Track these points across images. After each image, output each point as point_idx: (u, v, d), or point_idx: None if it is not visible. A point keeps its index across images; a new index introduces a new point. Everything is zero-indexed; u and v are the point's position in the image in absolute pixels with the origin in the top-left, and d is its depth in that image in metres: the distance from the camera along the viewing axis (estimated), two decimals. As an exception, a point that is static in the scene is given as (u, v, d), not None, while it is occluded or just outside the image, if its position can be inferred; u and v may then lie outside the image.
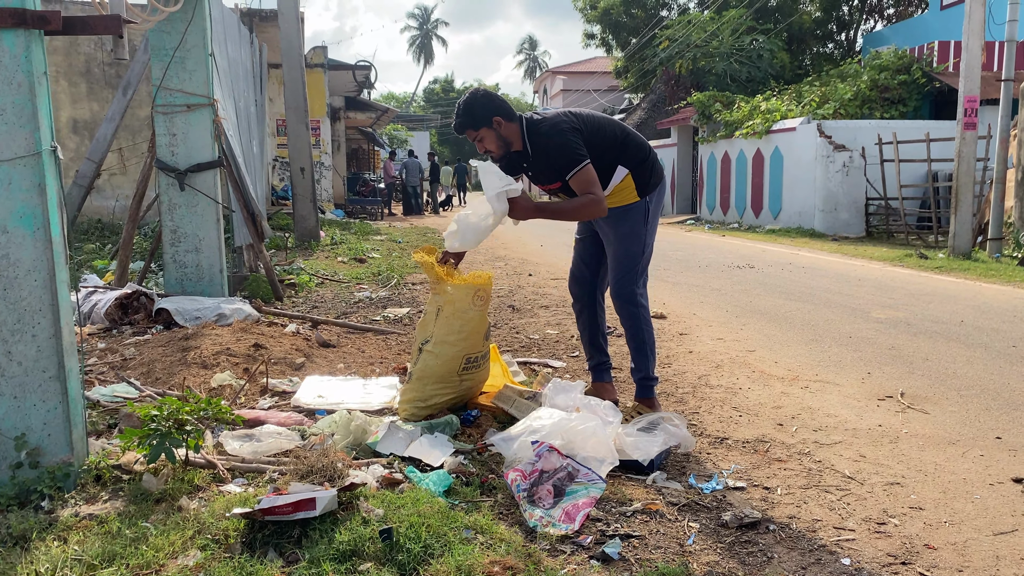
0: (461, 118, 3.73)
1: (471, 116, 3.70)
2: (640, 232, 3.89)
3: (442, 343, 3.68)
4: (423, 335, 3.77)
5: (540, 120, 3.75)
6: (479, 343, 3.77)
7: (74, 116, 13.55)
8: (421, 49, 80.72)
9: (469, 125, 3.72)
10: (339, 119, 24.50)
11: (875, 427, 3.90)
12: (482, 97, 3.73)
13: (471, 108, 3.69)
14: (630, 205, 3.87)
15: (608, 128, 3.85)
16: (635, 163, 3.85)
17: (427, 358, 3.70)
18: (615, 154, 3.81)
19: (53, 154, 2.83)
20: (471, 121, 3.71)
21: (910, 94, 18.26)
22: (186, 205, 6.29)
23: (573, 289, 4.23)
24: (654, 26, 28.53)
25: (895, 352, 5.46)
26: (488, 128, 3.70)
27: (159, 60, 6.16)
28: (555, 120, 3.73)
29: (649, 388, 4.00)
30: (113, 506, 2.78)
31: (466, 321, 3.69)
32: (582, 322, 4.24)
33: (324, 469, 2.90)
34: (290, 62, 12.81)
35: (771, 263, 11.02)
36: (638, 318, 3.91)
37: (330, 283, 8.84)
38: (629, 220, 3.87)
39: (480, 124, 3.70)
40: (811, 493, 3.12)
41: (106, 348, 5.10)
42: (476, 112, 3.69)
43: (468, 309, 3.69)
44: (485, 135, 3.72)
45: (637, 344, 3.95)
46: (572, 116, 3.78)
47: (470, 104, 3.70)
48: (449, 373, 3.70)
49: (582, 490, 2.94)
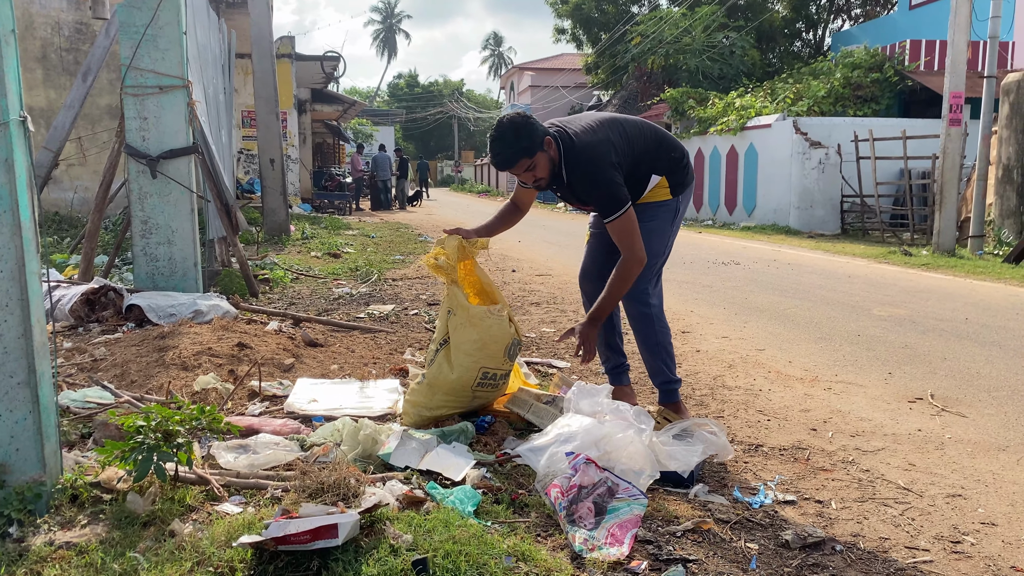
0: (513, 147, 3.26)
1: (527, 140, 3.26)
2: (666, 231, 3.62)
3: (456, 350, 3.35)
4: (439, 335, 3.44)
5: (577, 145, 3.34)
6: (499, 358, 3.40)
7: (30, 103, 12.87)
8: (385, 43, 79.95)
9: (525, 154, 3.28)
10: (305, 112, 23.91)
11: (915, 432, 3.66)
12: (526, 120, 3.30)
13: (524, 134, 3.25)
14: (661, 202, 3.58)
15: (644, 136, 3.52)
16: (669, 168, 3.57)
17: (441, 364, 3.36)
18: (650, 165, 3.52)
19: (23, 125, 2.45)
20: (528, 148, 3.27)
21: (883, 92, 18.31)
22: (158, 194, 5.86)
23: (585, 286, 3.88)
24: (626, 22, 28.36)
25: (910, 351, 5.25)
26: (542, 151, 3.30)
27: (129, 38, 5.72)
28: (594, 151, 3.32)
29: (673, 392, 3.72)
30: (94, 532, 2.40)
31: (483, 330, 3.34)
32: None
33: (336, 486, 2.56)
34: (260, 50, 12.33)
35: (755, 259, 10.84)
36: (650, 319, 3.61)
37: (306, 279, 8.44)
38: (658, 217, 3.58)
39: (535, 149, 3.28)
40: (869, 507, 2.86)
41: (73, 347, 4.68)
42: (528, 135, 3.26)
43: (485, 317, 3.36)
44: (539, 161, 3.31)
45: (650, 347, 3.65)
46: (610, 136, 3.39)
47: (521, 130, 3.26)
48: (463, 386, 3.37)
49: (624, 507, 2.64)
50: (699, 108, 20.12)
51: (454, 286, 3.40)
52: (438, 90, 72.62)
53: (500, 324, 3.39)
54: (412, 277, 8.81)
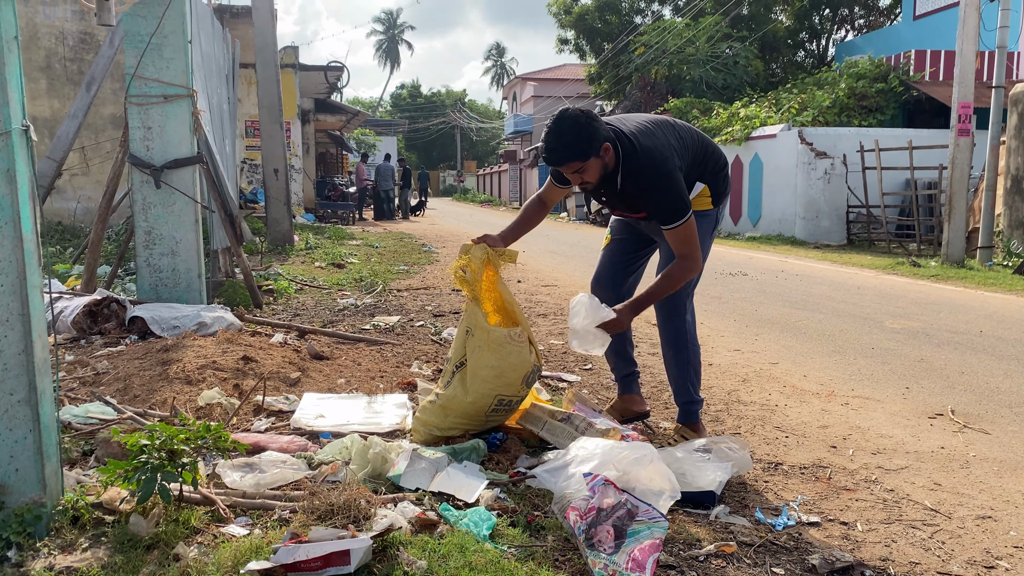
0: (569, 147, 3.06)
1: (585, 144, 3.05)
2: (706, 243, 3.48)
3: (473, 376, 3.23)
4: (456, 356, 3.33)
5: (637, 148, 3.15)
6: (516, 385, 3.28)
7: (33, 113, 12.86)
8: (387, 53, 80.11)
9: (578, 156, 3.08)
10: (309, 122, 23.90)
11: (938, 449, 3.57)
12: (589, 119, 3.07)
13: (584, 136, 3.04)
14: (703, 212, 3.45)
15: (694, 141, 3.40)
16: (713, 175, 3.45)
17: (457, 388, 3.25)
18: (698, 172, 3.40)
19: (25, 134, 2.37)
20: (582, 150, 3.06)
21: (887, 102, 18.25)
22: (162, 204, 5.78)
23: (597, 292, 3.76)
24: (629, 32, 28.36)
25: (926, 365, 5.16)
26: (596, 157, 3.10)
27: (133, 47, 5.66)
28: (657, 154, 3.14)
29: (694, 413, 3.61)
30: (95, 556, 2.31)
31: (502, 356, 3.21)
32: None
33: (346, 507, 2.47)
34: (264, 59, 12.29)
35: (762, 270, 10.75)
36: (684, 334, 3.49)
37: (310, 289, 8.36)
38: (700, 227, 3.39)
39: (590, 153, 3.08)
40: (897, 529, 2.76)
41: (75, 361, 4.59)
42: (587, 138, 3.05)
43: (505, 343, 3.24)
44: (591, 165, 3.12)
45: (680, 363, 3.52)
46: (669, 140, 3.24)
47: (582, 131, 3.04)
48: (477, 412, 3.26)
49: (644, 530, 2.54)
50: (703, 118, 20.08)
51: (475, 304, 3.29)
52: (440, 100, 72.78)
53: (520, 352, 3.26)
54: (417, 288, 8.73)
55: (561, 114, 3.11)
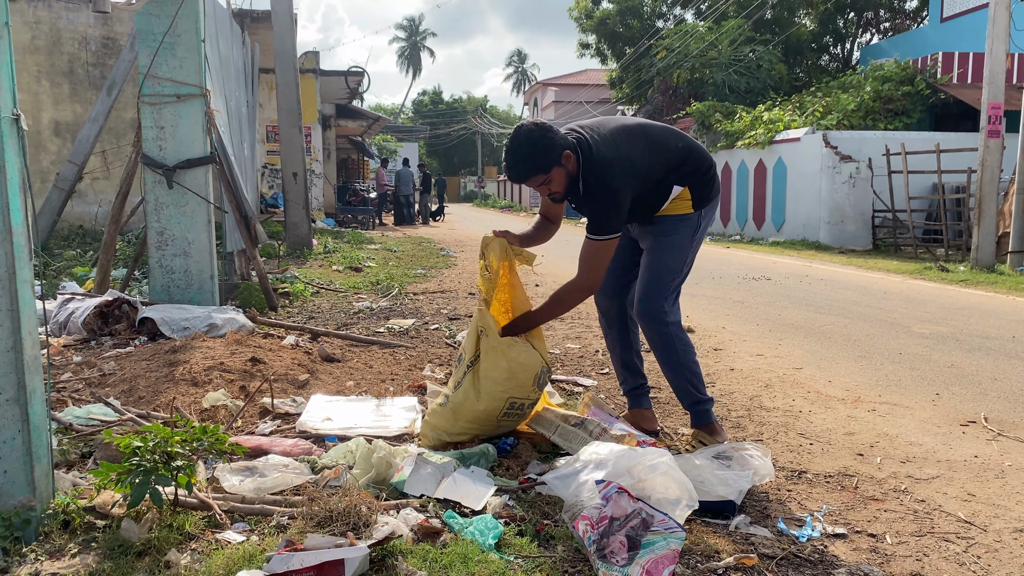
0: (527, 163, 3.07)
1: (543, 157, 3.06)
2: (685, 246, 3.39)
3: (485, 378, 3.13)
4: (468, 354, 3.22)
5: (595, 157, 3.12)
6: (527, 387, 3.18)
7: (56, 118, 12.96)
8: (409, 60, 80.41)
9: (540, 168, 3.08)
10: (330, 127, 23.97)
11: (971, 459, 3.40)
12: (543, 131, 3.07)
13: (540, 149, 3.04)
14: (682, 215, 3.35)
15: (669, 147, 3.29)
16: (693, 178, 3.33)
17: (468, 391, 3.15)
18: (675, 176, 3.30)
19: (15, 124, 2.29)
20: (544, 162, 3.07)
21: (914, 105, 17.95)
22: (174, 205, 5.73)
23: (600, 302, 3.65)
24: (651, 36, 28.19)
25: (957, 371, 4.97)
26: (559, 167, 3.10)
27: (147, 46, 5.62)
28: (609, 168, 3.11)
29: (705, 413, 3.47)
30: (83, 562, 2.22)
31: (512, 359, 3.12)
32: (611, 339, 3.68)
33: (346, 514, 2.36)
34: (283, 63, 12.28)
35: (786, 275, 10.55)
36: (669, 338, 3.35)
37: (326, 292, 8.29)
38: (678, 232, 3.36)
39: (552, 164, 3.08)
40: (929, 543, 2.60)
41: (83, 362, 4.53)
42: (546, 151, 3.05)
43: (512, 345, 3.14)
44: (556, 175, 3.12)
45: (673, 367, 3.39)
46: (631, 154, 3.17)
47: (537, 145, 3.04)
48: (488, 416, 3.16)
49: (660, 541, 2.40)
50: (726, 122, 19.86)
51: (485, 306, 3.19)
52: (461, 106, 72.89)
53: (528, 351, 3.18)
54: (433, 291, 8.63)
55: (516, 131, 3.11)
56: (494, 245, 3.25)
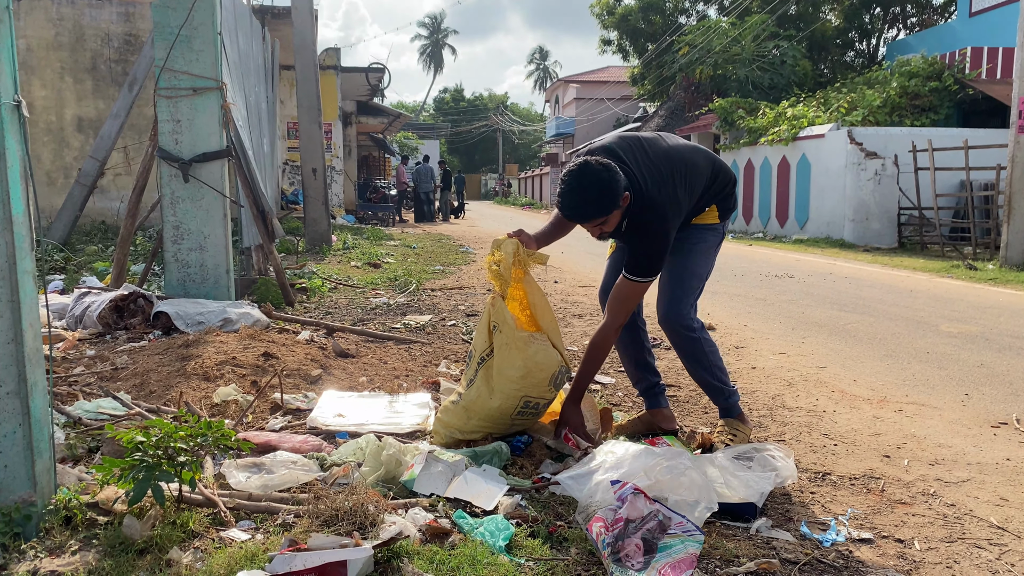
0: (595, 204, 2.91)
1: (610, 201, 2.90)
2: (711, 253, 3.39)
3: (499, 375, 3.04)
4: (480, 349, 3.14)
5: (645, 198, 3.02)
6: (543, 387, 3.10)
7: (79, 114, 13.04)
8: (431, 58, 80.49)
9: (606, 211, 2.93)
10: (350, 124, 23.99)
11: (1003, 461, 3.27)
12: (613, 175, 2.90)
13: (609, 191, 2.89)
14: (710, 225, 3.37)
15: (703, 174, 3.25)
16: (721, 196, 3.35)
17: (480, 388, 3.07)
18: (707, 198, 3.30)
19: (16, 110, 2.24)
20: (610, 205, 2.92)
21: (941, 101, 17.63)
22: (190, 199, 5.70)
23: (605, 301, 3.53)
24: (673, 32, 27.96)
25: (987, 371, 4.82)
26: (618, 209, 2.96)
27: (163, 39, 5.59)
28: (661, 211, 3.03)
29: (735, 405, 3.41)
30: (83, 559, 2.16)
31: (528, 356, 3.03)
32: (622, 341, 3.56)
33: (352, 513, 2.29)
34: (303, 59, 12.26)
35: (810, 273, 10.38)
36: (699, 342, 3.29)
37: (344, 288, 8.25)
38: (706, 240, 3.36)
39: (613, 208, 2.93)
40: (959, 549, 2.49)
41: (95, 355, 4.50)
42: (613, 195, 2.90)
43: (529, 342, 3.05)
44: (613, 217, 2.99)
45: (705, 368, 3.32)
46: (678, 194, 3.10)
47: (603, 186, 2.88)
48: (502, 414, 3.08)
49: (677, 544, 2.31)
50: (749, 118, 19.63)
51: (500, 300, 3.11)
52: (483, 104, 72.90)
53: (546, 350, 3.09)
54: (451, 288, 8.56)
55: (582, 169, 2.93)
56: (507, 247, 3.15)
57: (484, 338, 3.12)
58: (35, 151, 12.65)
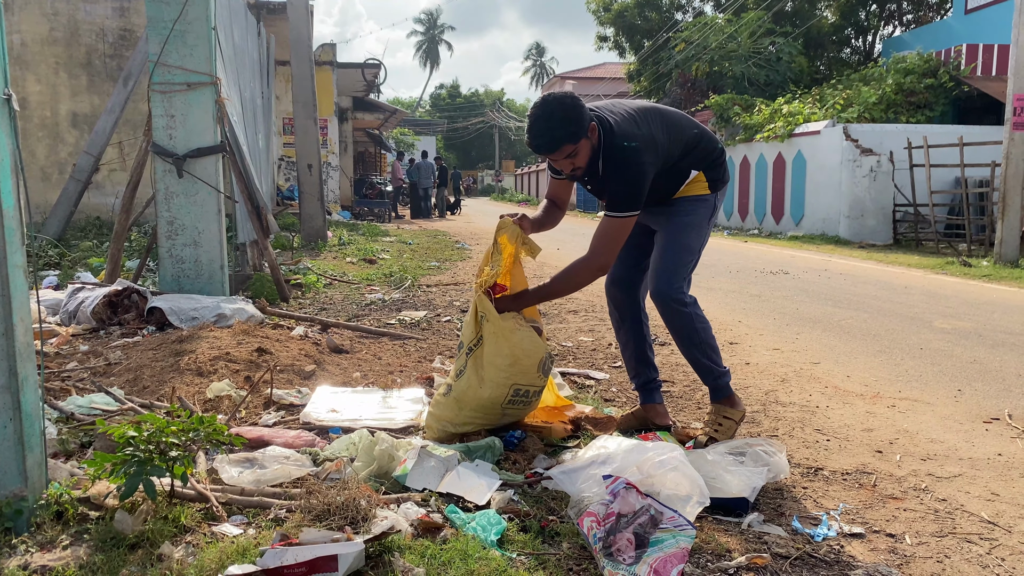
0: (560, 130, 2.92)
1: (576, 124, 2.93)
2: (703, 226, 3.32)
3: (488, 365, 3.05)
4: (469, 338, 3.15)
5: (616, 134, 3.02)
6: (532, 373, 3.10)
7: (74, 109, 13.00)
8: (427, 54, 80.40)
9: (573, 136, 2.94)
10: (346, 120, 23.94)
11: (994, 456, 3.28)
12: (574, 99, 2.96)
13: (573, 116, 2.92)
14: (700, 196, 3.29)
15: (685, 129, 3.23)
16: (707, 162, 3.28)
17: (471, 378, 3.07)
18: (692, 159, 3.24)
19: (6, 104, 2.23)
20: (577, 129, 2.93)
21: (937, 98, 17.65)
22: (184, 194, 5.69)
23: (612, 293, 3.53)
24: (669, 29, 27.95)
25: (980, 367, 4.84)
26: (586, 138, 2.98)
27: (157, 34, 5.57)
28: (634, 144, 3.00)
29: (726, 386, 3.33)
30: (74, 554, 2.16)
31: (514, 344, 3.04)
32: (624, 333, 3.55)
33: (344, 507, 2.29)
34: (299, 54, 12.23)
35: (805, 269, 10.39)
36: (690, 317, 3.21)
37: (339, 284, 8.24)
38: (697, 212, 3.28)
39: (582, 134, 2.95)
40: (950, 543, 2.50)
41: (89, 351, 4.50)
42: (577, 118, 2.93)
43: (515, 331, 3.06)
44: (583, 147, 2.99)
45: (697, 345, 3.25)
46: (652, 132, 3.08)
47: (570, 112, 2.92)
48: (493, 404, 3.08)
49: (669, 539, 2.32)
50: (745, 115, 19.63)
51: (483, 294, 3.12)
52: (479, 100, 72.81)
53: (531, 337, 3.09)
54: (447, 283, 8.56)
55: (545, 98, 2.99)
56: (510, 229, 3.18)
57: (472, 328, 3.14)
58: (30, 147, 12.61)
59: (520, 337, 3.05)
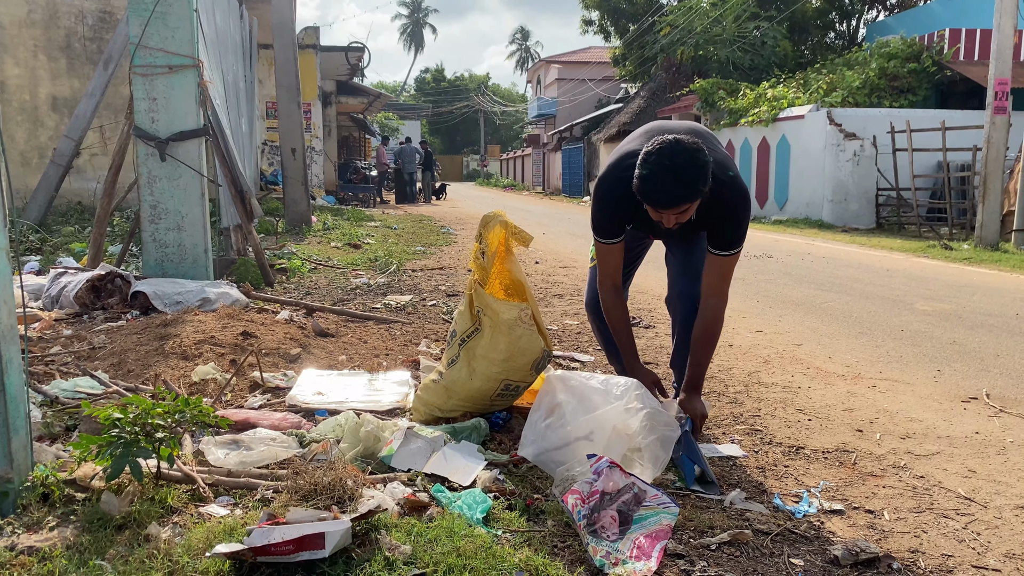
0: (691, 187, 2.64)
1: (703, 181, 2.66)
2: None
3: (482, 358, 3.05)
4: (463, 327, 3.15)
5: (727, 184, 2.86)
6: (524, 371, 3.10)
7: (54, 93, 12.84)
8: (412, 37, 79.87)
9: (695, 195, 2.68)
10: (330, 104, 23.77)
11: (972, 435, 3.34)
12: (706, 156, 2.67)
13: (704, 171, 2.65)
14: None
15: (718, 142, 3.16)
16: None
17: (462, 369, 3.08)
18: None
19: (-13, 85, 2.21)
20: (700, 188, 2.67)
21: (920, 83, 17.74)
22: (167, 178, 5.65)
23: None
24: (654, 12, 27.89)
25: (959, 347, 4.90)
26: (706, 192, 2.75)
27: (138, 16, 5.51)
28: (741, 185, 2.91)
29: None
30: (61, 535, 2.17)
31: (512, 340, 3.02)
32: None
33: (331, 487, 2.30)
34: (282, 37, 12.13)
35: (788, 252, 10.47)
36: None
37: (324, 269, 8.22)
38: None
39: (705, 190, 2.70)
40: (928, 519, 2.55)
41: (73, 335, 4.48)
42: (706, 175, 2.66)
43: (515, 326, 3.04)
44: (696, 204, 2.76)
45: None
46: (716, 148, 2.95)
47: (703, 168, 2.64)
48: (482, 395, 3.10)
49: (652, 516, 2.35)
50: (730, 99, 19.65)
51: (480, 287, 3.11)
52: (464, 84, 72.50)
53: (531, 335, 3.06)
54: (432, 268, 8.56)
55: (674, 147, 2.63)
56: (494, 223, 3.15)
57: (467, 318, 3.13)
58: (9, 131, 12.46)
59: (519, 334, 3.03)
